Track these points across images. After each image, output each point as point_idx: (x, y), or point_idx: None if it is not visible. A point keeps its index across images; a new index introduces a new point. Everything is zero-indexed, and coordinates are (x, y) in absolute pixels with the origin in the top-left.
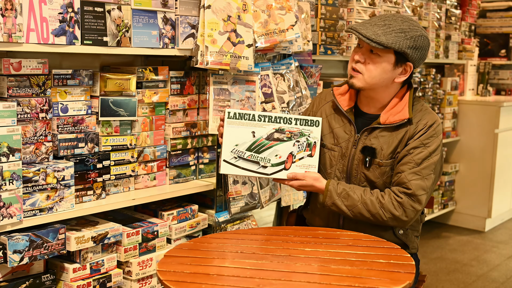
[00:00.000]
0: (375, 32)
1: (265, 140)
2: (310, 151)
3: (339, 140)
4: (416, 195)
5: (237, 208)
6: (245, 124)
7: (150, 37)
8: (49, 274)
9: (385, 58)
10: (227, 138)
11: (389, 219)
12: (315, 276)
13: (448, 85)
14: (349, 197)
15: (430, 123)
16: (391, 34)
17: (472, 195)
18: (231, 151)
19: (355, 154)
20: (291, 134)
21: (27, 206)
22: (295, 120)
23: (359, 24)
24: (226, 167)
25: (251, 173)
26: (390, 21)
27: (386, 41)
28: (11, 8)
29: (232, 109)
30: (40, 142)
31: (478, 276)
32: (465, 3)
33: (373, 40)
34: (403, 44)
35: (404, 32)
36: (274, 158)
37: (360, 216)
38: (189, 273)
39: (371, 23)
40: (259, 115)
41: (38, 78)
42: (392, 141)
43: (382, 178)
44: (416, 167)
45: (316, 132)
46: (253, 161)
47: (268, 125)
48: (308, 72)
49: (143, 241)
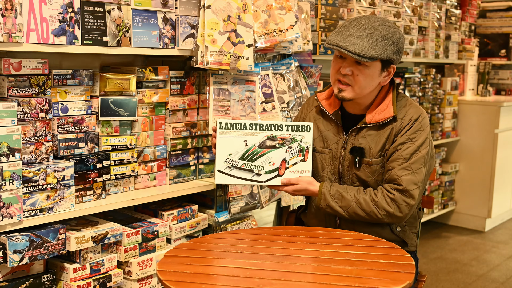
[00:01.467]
0: (361, 45)
1: (257, 148)
2: (303, 156)
3: (328, 143)
4: (408, 190)
5: (237, 208)
6: (237, 134)
7: (150, 37)
8: (49, 274)
9: (372, 67)
10: (220, 148)
11: (384, 216)
12: (315, 276)
13: (448, 85)
14: (343, 198)
15: (415, 117)
16: (376, 44)
17: (472, 195)
18: (224, 161)
19: (345, 155)
20: (283, 140)
21: (27, 206)
22: (286, 127)
23: (338, 36)
24: (220, 177)
25: (246, 182)
26: (370, 29)
27: (375, 54)
28: (11, 8)
29: (223, 120)
30: (40, 142)
31: (478, 276)
32: (465, 3)
33: (364, 55)
34: (389, 51)
35: (386, 38)
36: (267, 165)
37: (355, 216)
38: (189, 273)
39: (352, 34)
40: (250, 123)
41: (38, 78)
42: (379, 139)
43: (373, 176)
44: (405, 163)
45: (308, 137)
46: (247, 170)
47: (260, 133)
48: (308, 72)
49: (143, 241)
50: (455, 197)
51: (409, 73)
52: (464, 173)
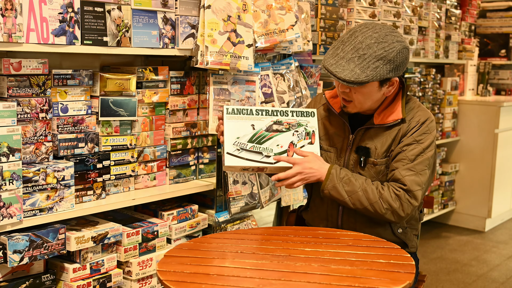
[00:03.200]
0: (352, 70)
1: (265, 131)
2: (310, 139)
3: (334, 141)
4: (411, 191)
5: (237, 208)
6: (244, 118)
7: (150, 37)
8: (49, 274)
9: (369, 86)
10: (228, 132)
11: (386, 210)
12: (315, 276)
13: (448, 85)
14: (350, 183)
15: (423, 120)
16: (368, 67)
17: (472, 195)
18: (233, 143)
19: (351, 155)
20: (289, 125)
21: (27, 206)
22: (291, 113)
23: (331, 59)
24: (230, 159)
25: (256, 163)
26: (364, 49)
27: (366, 78)
28: (11, 8)
29: (230, 106)
30: (40, 142)
31: (478, 276)
32: (465, 3)
33: (354, 82)
34: (382, 72)
35: (381, 58)
36: (276, 147)
37: (358, 204)
38: (189, 273)
39: (345, 56)
40: (257, 109)
41: (38, 78)
42: (385, 140)
43: (377, 177)
44: (410, 163)
45: (313, 122)
46: (256, 152)
47: (266, 118)
48: (308, 72)
49: (143, 241)
50: (455, 197)
51: (409, 73)
52: (464, 173)
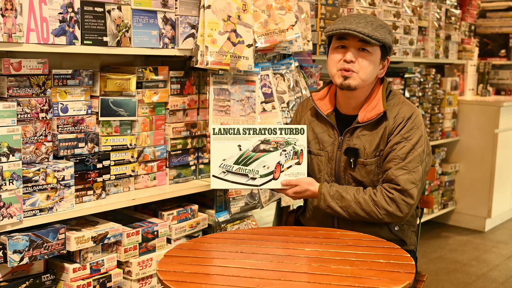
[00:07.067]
0: (364, 27)
1: (251, 152)
2: (298, 159)
3: (324, 145)
4: (406, 190)
5: (237, 208)
6: (230, 139)
7: (150, 37)
8: (49, 274)
9: (374, 54)
10: (214, 154)
11: (384, 215)
12: (315, 276)
13: (448, 85)
14: (343, 198)
15: (408, 116)
16: (378, 30)
17: (472, 195)
18: (219, 166)
19: (341, 156)
20: (277, 144)
21: (27, 206)
22: (279, 130)
23: (340, 24)
24: (216, 182)
25: (241, 186)
26: (369, 19)
27: (380, 36)
28: (11, 8)
29: (217, 126)
30: (40, 142)
31: (478, 276)
32: (465, 3)
33: (371, 36)
34: (388, 39)
35: (384, 27)
36: (262, 169)
37: (356, 216)
38: (189, 273)
39: (354, 21)
40: (244, 128)
41: (38, 78)
42: (373, 139)
43: (368, 177)
44: (401, 162)
45: (302, 140)
46: (241, 174)
47: (253, 137)
48: (308, 72)
49: (143, 241)
50: (455, 197)
51: (409, 73)
52: (464, 173)
